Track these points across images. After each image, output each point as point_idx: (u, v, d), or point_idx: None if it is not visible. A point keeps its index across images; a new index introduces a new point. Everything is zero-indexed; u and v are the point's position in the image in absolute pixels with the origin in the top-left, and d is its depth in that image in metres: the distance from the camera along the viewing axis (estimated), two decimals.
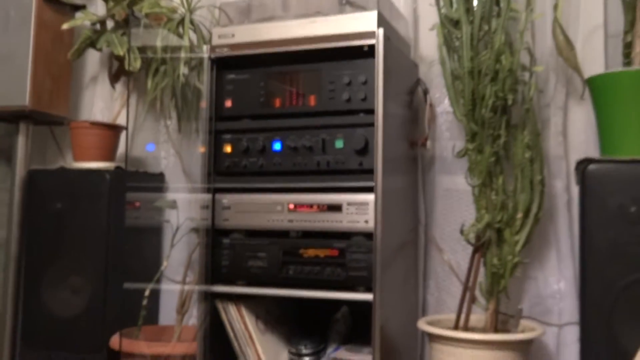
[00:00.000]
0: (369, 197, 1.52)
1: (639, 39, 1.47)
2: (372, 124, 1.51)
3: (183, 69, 1.95)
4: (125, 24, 2.06)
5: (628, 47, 1.51)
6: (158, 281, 1.94)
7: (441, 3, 1.60)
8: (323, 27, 1.59)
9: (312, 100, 1.61)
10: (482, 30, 1.55)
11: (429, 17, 1.78)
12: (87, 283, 1.89)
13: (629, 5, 1.50)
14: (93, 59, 2.30)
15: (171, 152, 2.14)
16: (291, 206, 1.60)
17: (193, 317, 1.92)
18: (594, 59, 1.71)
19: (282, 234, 1.62)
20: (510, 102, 1.54)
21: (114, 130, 2.08)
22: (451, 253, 1.83)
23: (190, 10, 1.98)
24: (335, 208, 1.56)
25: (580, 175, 1.44)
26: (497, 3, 1.56)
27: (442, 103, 1.87)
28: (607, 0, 1.71)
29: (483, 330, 1.58)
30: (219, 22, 1.86)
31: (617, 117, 1.44)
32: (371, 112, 1.52)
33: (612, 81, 1.45)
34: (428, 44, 1.90)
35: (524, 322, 1.59)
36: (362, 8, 1.68)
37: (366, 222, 1.53)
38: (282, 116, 1.64)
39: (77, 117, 2.28)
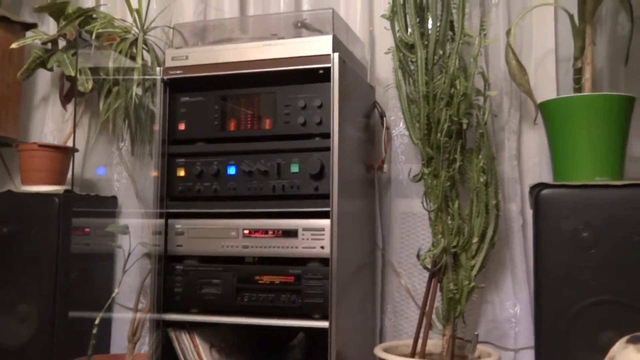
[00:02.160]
0: (325, 222, 1.49)
1: (589, 66, 1.49)
2: (328, 148, 1.49)
3: (136, 90, 1.90)
4: (77, 44, 2.00)
5: (578, 73, 1.52)
6: (109, 308, 1.87)
7: (396, 27, 1.60)
8: (278, 50, 1.57)
9: (267, 124, 1.59)
10: (436, 54, 1.55)
11: (386, 39, 1.78)
12: (35, 311, 1.81)
13: (579, 32, 1.52)
14: (44, 79, 2.23)
15: (124, 175, 2.08)
16: (246, 232, 1.57)
17: (145, 345, 1.86)
18: (546, 84, 1.73)
19: (236, 260, 1.58)
20: (465, 126, 1.54)
21: (64, 152, 2.01)
22: (408, 277, 1.81)
23: (144, 31, 1.94)
24: (291, 233, 1.53)
25: (534, 200, 1.44)
26: (452, 28, 1.56)
27: (398, 126, 1.87)
28: (557, 26, 1.74)
29: (440, 356, 1.57)
30: (172, 44, 1.83)
31: (569, 141, 1.46)
32: (327, 136, 1.50)
33: (563, 106, 1.47)
34: (385, 67, 1.89)
35: (480, 347, 1.58)
36: (318, 31, 1.67)
37: (322, 247, 1.50)
38: (236, 140, 1.61)
39: (27, 139, 2.21)
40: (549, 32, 1.74)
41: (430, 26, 1.54)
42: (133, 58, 1.90)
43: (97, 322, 1.77)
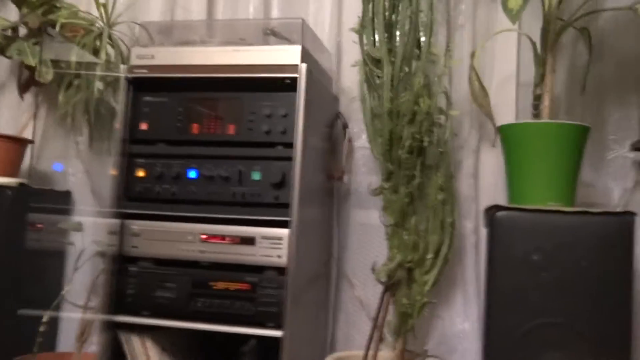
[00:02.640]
0: (284, 232, 1.50)
1: (548, 93, 1.53)
2: (290, 158, 1.50)
3: (98, 85, 1.87)
4: (39, 33, 1.96)
5: (538, 99, 1.57)
6: (58, 306, 1.83)
7: (364, 41, 1.62)
8: (246, 57, 1.56)
9: (231, 129, 1.58)
10: (402, 71, 1.57)
11: (353, 51, 1.79)
12: None
13: (540, 60, 1.56)
14: (2, 66, 2.17)
15: (80, 170, 2.04)
16: (203, 236, 1.56)
17: (93, 345, 1.82)
18: (506, 107, 1.77)
19: (192, 264, 1.57)
20: (426, 143, 1.57)
21: (18, 143, 1.96)
22: (362, 288, 1.83)
23: (110, 25, 1.91)
24: (249, 241, 1.53)
25: (488, 221, 1.48)
26: (418, 46, 1.59)
27: (360, 138, 1.89)
28: (520, 51, 1.79)
29: None
30: (138, 40, 1.80)
31: (525, 166, 1.50)
32: (290, 145, 1.51)
33: (520, 131, 1.51)
34: (350, 77, 1.91)
35: None
36: (286, 39, 1.68)
37: (279, 256, 1.50)
38: (199, 143, 1.60)
39: None
40: (511, 56, 1.78)
41: (397, 43, 1.57)
42: (96, 51, 1.87)
43: (45, 319, 1.73)
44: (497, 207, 1.46)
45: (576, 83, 1.73)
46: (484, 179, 1.81)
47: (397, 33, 1.57)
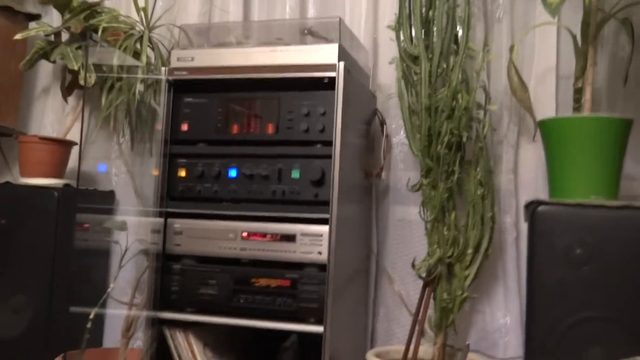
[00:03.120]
0: (324, 229, 1.52)
1: (589, 86, 1.52)
2: (329, 156, 1.52)
3: (139, 87, 1.92)
4: (81, 38, 2.01)
5: (578, 93, 1.55)
6: (104, 303, 1.89)
7: (401, 38, 1.62)
8: (284, 56, 1.59)
9: (270, 129, 1.61)
10: (440, 67, 1.57)
11: (389, 47, 1.80)
12: (30, 303, 1.83)
13: (581, 52, 1.54)
14: (46, 70, 2.24)
15: (122, 170, 2.10)
16: (244, 234, 1.59)
17: (139, 340, 1.88)
18: (546, 101, 1.76)
19: (234, 261, 1.61)
20: (465, 139, 1.57)
21: (64, 145, 2.02)
22: (402, 283, 1.84)
23: (149, 28, 1.95)
24: (289, 238, 1.56)
25: (529, 216, 1.47)
26: (456, 42, 1.59)
27: (398, 134, 1.89)
28: (559, 44, 1.77)
29: None
30: (178, 43, 1.84)
31: (566, 161, 1.49)
32: (329, 143, 1.52)
33: (561, 126, 1.50)
34: (387, 74, 1.92)
35: (470, 356, 1.62)
36: (323, 38, 1.70)
37: (319, 253, 1.53)
38: (239, 143, 1.63)
39: (27, 129, 2.22)
40: (550, 49, 1.77)
41: (435, 39, 1.57)
42: (137, 54, 1.91)
43: (91, 316, 1.79)
44: (538, 202, 1.45)
45: (618, 75, 1.71)
46: (523, 173, 1.80)
47: (434, 29, 1.57)
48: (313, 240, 1.54)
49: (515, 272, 1.75)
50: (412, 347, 1.60)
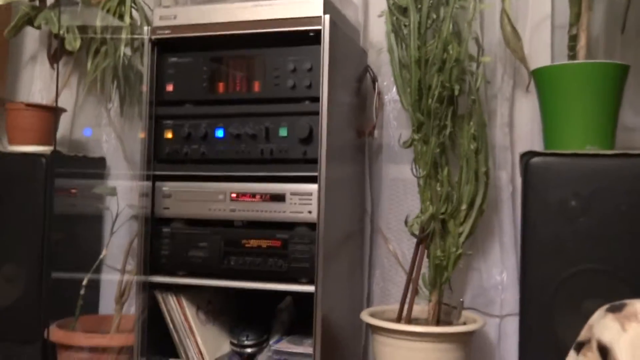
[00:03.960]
0: (313, 187, 1.49)
1: (584, 32, 1.46)
2: (317, 113, 1.48)
3: (125, 50, 1.88)
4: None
5: (573, 40, 1.50)
6: (97, 270, 1.88)
7: None
8: (268, 11, 1.54)
9: (256, 87, 1.57)
10: (430, 18, 1.53)
11: (380, 2, 1.74)
12: (22, 271, 1.81)
13: None
14: (32, 37, 2.20)
15: (113, 136, 2.07)
16: (233, 195, 1.56)
17: (133, 307, 1.87)
18: (541, 51, 1.71)
19: (224, 223, 1.58)
20: (457, 92, 1.53)
21: (52, 112, 1.99)
22: (397, 243, 1.82)
23: None
24: (279, 198, 1.53)
25: (523, 168, 1.44)
26: None
27: (391, 91, 1.85)
28: None
29: (426, 321, 1.58)
30: (161, 2, 1.79)
31: (561, 110, 1.44)
32: (316, 100, 1.48)
33: (556, 74, 1.45)
34: (379, 30, 1.85)
35: (466, 314, 1.60)
36: None
37: (309, 212, 1.50)
38: (225, 102, 1.59)
39: (15, 98, 2.18)
40: None
41: None
42: (122, 17, 1.87)
43: (84, 283, 1.78)
44: (532, 153, 1.41)
45: (616, 22, 1.65)
46: (519, 127, 1.75)
47: None
48: (302, 200, 1.51)
49: (511, 228, 1.72)
50: (406, 305, 1.58)
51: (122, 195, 1.85)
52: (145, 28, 1.63)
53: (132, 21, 1.86)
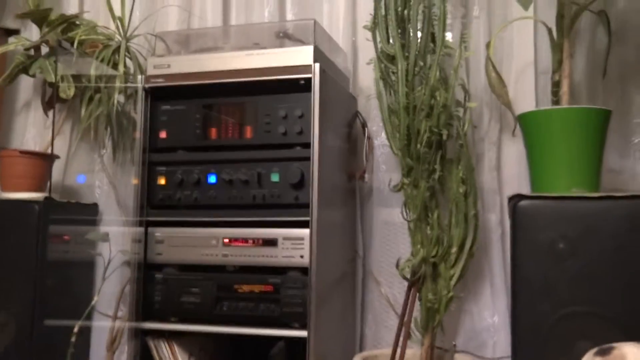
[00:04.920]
0: (305, 232, 1.50)
1: (566, 79, 1.50)
2: (308, 158, 1.50)
3: (119, 98, 1.90)
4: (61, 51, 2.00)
5: (556, 86, 1.54)
6: (89, 316, 1.86)
7: (378, 38, 1.61)
8: (260, 60, 1.58)
9: (248, 133, 1.60)
10: (417, 65, 1.56)
11: (369, 50, 1.77)
12: (13, 319, 1.79)
13: (557, 46, 1.53)
14: (26, 85, 2.22)
15: (105, 182, 2.08)
16: (226, 240, 1.57)
17: (124, 354, 1.85)
18: (525, 96, 1.75)
19: (216, 268, 1.59)
20: (445, 137, 1.55)
21: (45, 159, 2.00)
22: (389, 286, 1.82)
23: (127, 38, 1.94)
24: (271, 242, 1.54)
25: (511, 211, 1.45)
26: (433, 40, 1.58)
27: (380, 136, 1.88)
28: (537, 39, 1.76)
29: None
30: (155, 51, 1.83)
31: (546, 153, 1.47)
32: (308, 145, 1.51)
33: (541, 119, 1.48)
34: (367, 77, 1.90)
35: (459, 357, 1.59)
36: (300, 41, 1.68)
37: (301, 257, 1.51)
38: (217, 148, 1.62)
39: (9, 144, 2.20)
40: (528, 44, 1.76)
41: (411, 38, 1.56)
42: (116, 65, 1.90)
43: (76, 330, 1.76)
44: (519, 196, 1.43)
45: (597, 68, 1.70)
46: (506, 170, 1.79)
47: (410, 28, 1.56)
48: (295, 244, 1.52)
49: (502, 270, 1.73)
50: (399, 349, 1.57)
51: (115, 241, 1.85)
52: (139, 77, 1.66)
53: (126, 69, 1.89)
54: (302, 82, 1.53)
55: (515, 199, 1.44)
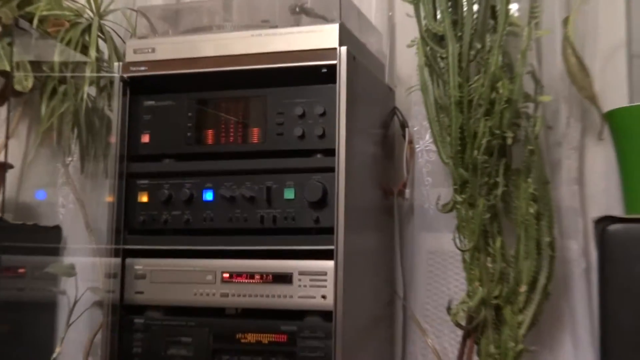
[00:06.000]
0: (328, 265, 1.49)
1: None
2: (332, 169, 1.50)
3: (89, 91, 1.92)
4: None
5: None
6: None
7: (422, 13, 1.62)
8: (270, 42, 1.58)
9: (255, 136, 1.60)
10: (473, 49, 1.56)
11: (410, 28, 1.78)
12: None
13: None
14: None
15: (71, 199, 2.10)
16: (226, 275, 1.58)
17: None
18: (616, 87, 1.75)
19: (213, 312, 1.59)
20: (510, 141, 1.55)
21: None
22: (437, 335, 1.82)
23: (100, 15, 1.96)
24: (284, 279, 1.54)
25: (599, 238, 1.45)
26: (493, 15, 1.58)
27: (424, 138, 1.89)
28: (630, 12, 1.75)
29: None
30: (135, 32, 1.84)
31: None
32: (331, 152, 1.51)
33: (636, 117, 1.48)
34: (408, 62, 1.90)
35: None
36: (321, 18, 1.69)
37: (323, 297, 1.50)
38: (215, 156, 1.62)
39: None
40: (619, 20, 1.76)
41: (465, 13, 1.56)
42: (85, 49, 1.92)
43: None
44: (609, 219, 1.43)
45: None
46: (591, 184, 1.78)
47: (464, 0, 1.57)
48: (314, 281, 1.52)
49: (588, 316, 1.72)
50: None
51: (83, 275, 1.86)
52: (116, 64, 1.68)
53: (99, 55, 1.91)
54: (325, 70, 1.53)
55: (603, 222, 1.43)
